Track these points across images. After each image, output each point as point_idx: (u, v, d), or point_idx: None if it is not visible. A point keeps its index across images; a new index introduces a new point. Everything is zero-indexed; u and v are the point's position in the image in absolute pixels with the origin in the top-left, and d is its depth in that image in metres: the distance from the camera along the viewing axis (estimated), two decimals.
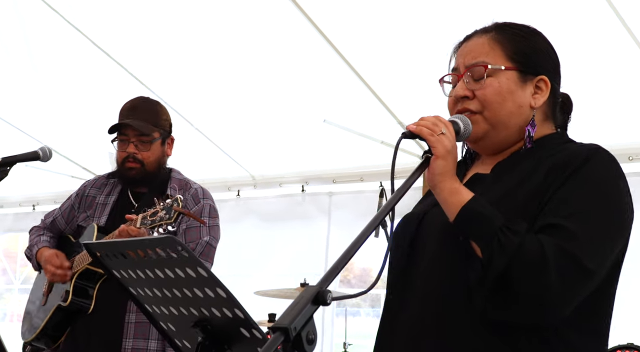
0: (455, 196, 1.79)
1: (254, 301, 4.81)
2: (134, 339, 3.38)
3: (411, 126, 1.86)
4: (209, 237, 3.51)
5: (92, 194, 3.72)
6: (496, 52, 1.92)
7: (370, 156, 5.55)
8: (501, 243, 1.67)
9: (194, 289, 1.68)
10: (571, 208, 1.72)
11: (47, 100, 6.12)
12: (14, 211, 7.62)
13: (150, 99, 3.72)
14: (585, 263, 1.66)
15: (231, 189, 6.28)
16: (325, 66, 4.97)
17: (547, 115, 1.96)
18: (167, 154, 3.66)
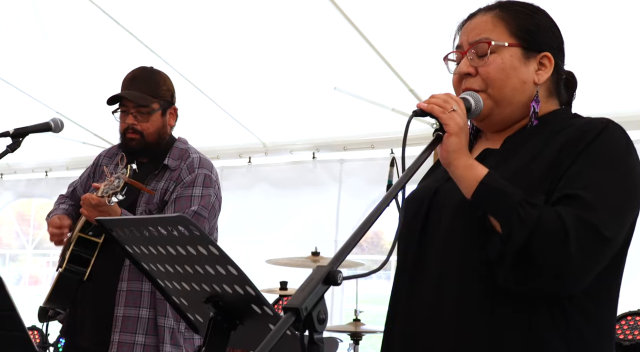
0: (471, 172, 1.79)
1: (265, 269, 4.85)
2: (124, 307, 3.40)
3: (422, 104, 1.86)
4: (198, 207, 3.45)
5: (105, 163, 3.73)
6: (500, 29, 1.93)
7: (381, 123, 5.55)
8: (520, 217, 1.68)
9: (206, 266, 1.70)
10: (586, 181, 1.73)
11: (58, 68, 6.12)
12: (27, 176, 7.67)
13: (152, 69, 3.69)
14: (604, 232, 1.68)
15: (242, 156, 6.29)
16: (335, 33, 4.94)
17: (551, 91, 1.98)
18: (170, 124, 3.64)
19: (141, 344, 3.40)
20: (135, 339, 3.40)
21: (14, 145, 3.16)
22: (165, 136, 3.62)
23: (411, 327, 1.89)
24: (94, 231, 3.46)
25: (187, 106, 5.96)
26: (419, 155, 1.81)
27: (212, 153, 6.33)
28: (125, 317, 3.40)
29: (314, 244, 5.48)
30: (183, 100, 5.88)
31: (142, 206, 3.48)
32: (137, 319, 3.40)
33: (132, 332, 3.40)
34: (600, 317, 1.81)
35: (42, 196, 7.89)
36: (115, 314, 3.41)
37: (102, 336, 3.41)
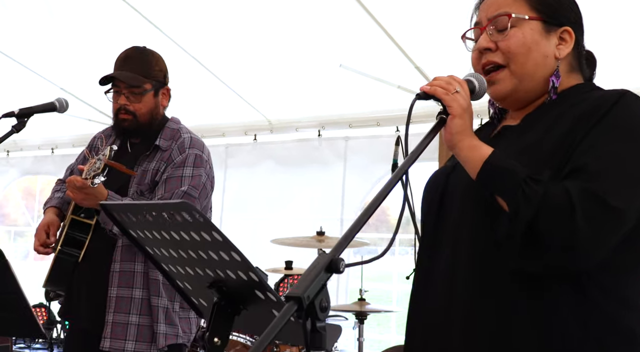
0: (475, 152, 1.78)
1: (271, 247, 4.85)
2: (118, 288, 3.41)
3: (425, 87, 1.85)
4: (188, 187, 3.44)
5: (99, 144, 3.74)
6: (519, 3, 1.89)
7: (386, 101, 5.54)
8: (526, 194, 1.66)
9: (209, 252, 1.70)
10: (597, 151, 1.70)
11: (63, 45, 6.10)
12: (33, 153, 7.69)
13: (144, 49, 3.64)
14: (611, 202, 1.62)
15: (248, 133, 6.29)
16: (341, 10, 4.92)
17: (573, 66, 1.94)
18: (163, 105, 3.60)
19: (135, 324, 3.41)
20: (129, 319, 3.41)
21: (19, 125, 3.15)
22: (157, 116, 3.58)
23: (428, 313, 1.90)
24: (86, 213, 3.48)
25: (193, 84, 5.99)
26: (423, 138, 1.79)
27: (218, 130, 6.36)
28: (119, 297, 3.41)
29: (319, 221, 5.48)
30: (189, 78, 5.91)
31: (133, 186, 3.48)
32: (130, 300, 3.41)
33: (126, 312, 3.41)
34: (623, 291, 1.75)
35: (48, 173, 7.92)
36: (109, 295, 3.42)
37: (98, 317, 3.42)
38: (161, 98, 3.58)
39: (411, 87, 5.24)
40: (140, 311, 3.41)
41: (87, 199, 3.27)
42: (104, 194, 3.30)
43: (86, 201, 3.28)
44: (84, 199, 3.28)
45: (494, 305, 1.76)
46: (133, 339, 3.39)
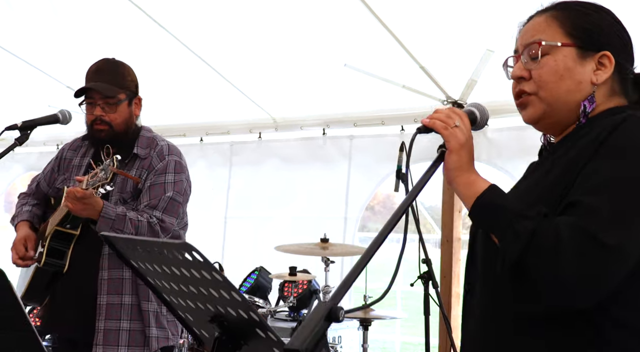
0: (471, 188, 1.78)
1: (275, 253, 4.84)
2: (107, 295, 3.48)
3: (425, 120, 1.85)
4: (173, 193, 3.56)
5: (69, 156, 3.85)
6: (553, 29, 1.87)
7: (391, 100, 5.52)
8: (515, 231, 1.64)
9: (210, 289, 1.70)
10: (593, 182, 1.65)
11: (68, 43, 6.08)
12: (38, 149, 7.68)
13: (115, 60, 3.74)
14: (604, 239, 1.56)
15: (252, 131, 6.27)
16: (346, 10, 4.88)
17: (615, 91, 1.87)
18: (136, 114, 3.70)
19: (127, 330, 3.48)
20: (120, 325, 3.48)
21: (22, 137, 3.20)
22: (132, 126, 3.68)
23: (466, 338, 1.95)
24: (72, 224, 3.54)
25: (198, 82, 5.98)
26: (424, 173, 1.81)
27: (223, 128, 6.36)
28: (109, 304, 3.48)
29: (323, 220, 5.50)
30: (194, 76, 5.91)
31: (115, 195, 3.54)
32: (120, 306, 3.48)
33: (117, 318, 3.48)
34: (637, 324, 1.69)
35: None
36: (98, 303, 3.49)
37: (87, 325, 3.49)
38: (134, 107, 3.69)
39: (416, 87, 5.23)
40: (131, 316, 3.49)
41: (86, 209, 3.33)
42: (100, 204, 3.36)
43: (85, 211, 3.34)
44: (83, 210, 3.34)
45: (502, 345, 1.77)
46: (125, 345, 3.47)
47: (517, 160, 4.92)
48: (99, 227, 3.36)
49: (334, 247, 4.52)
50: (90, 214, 3.37)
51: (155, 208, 3.52)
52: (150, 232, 3.47)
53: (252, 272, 5.67)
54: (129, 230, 3.38)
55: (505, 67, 1.98)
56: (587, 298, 1.62)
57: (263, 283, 5.51)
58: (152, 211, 3.51)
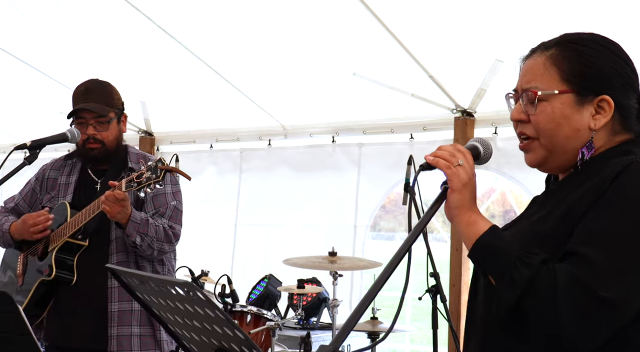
0: (471, 228, 1.78)
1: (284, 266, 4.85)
2: (118, 302, 3.59)
3: (429, 157, 1.84)
4: (176, 202, 3.75)
5: (53, 176, 3.93)
6: (551, 74, 1.84)
7: (400, 108, 5.53)
8: (512, 277, 1.65)
9: (213, 325, 1.72)
10: (592, 232, 1.65)
11: (77, 50, 6.11)
12: (49, 155, 7.58)
13: (101, 80, 3.87)
14: (600, 292, 1.58)
15: (262, 138, 6.29)
16: (354, 20, 4.89)
17: (616, 131, 1.85)
18: (123, 131, 3.85)
19: (138, 335, 3.61)
20: (131, 330, 3.61)
21: (31, 157, 3.23)
22: (121, 142, 3.84)
23: None
24: (83, 235, 3.66)
25: (208, 90, 6.01)
26: (427, 210, 1.80)
27: (233, 135, 6.38)
28: (120, 311, 3.59)
29: (333, 227, 5.51)
30: (205, 84, 5.94)
31: None
32: (131, 312, 3.60)
33: (128, 324, 3.60)
34: None
35: None
36: (109, 310, 3.60)
37: (99, 333, 3.59)
38: (122, 125, 3.84)
39: (425, 95, 5.24)
40: (141, 322, 3.62)
41: (122, 212, 3.47)
42: (130, 208, 3.52)
43: (120, 214, 3.46)
44: (119, 212, 3.46)
45: None
46: (138, 349, 3.61)
47: (526, 169, 4.86)
48: (128, 230, 3.51)
49: (342, 260, 4.53)
50: (123, 218, 3.49)
51: (163, 216, 3.69)
52: (166, 236, 3.63)
53: (262, 280, 5.68)
54: (152, 233, 3.55)
55: (507, 99, 1.98)
56: (580, 347, 1.64)
57: (272, 291, 5.53)
58: (160, 218, 3.67)
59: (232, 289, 4.42)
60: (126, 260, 3.66)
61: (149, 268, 3.73)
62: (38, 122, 7.09)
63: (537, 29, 4.38)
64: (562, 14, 4.32)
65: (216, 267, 5.10)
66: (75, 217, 3.62)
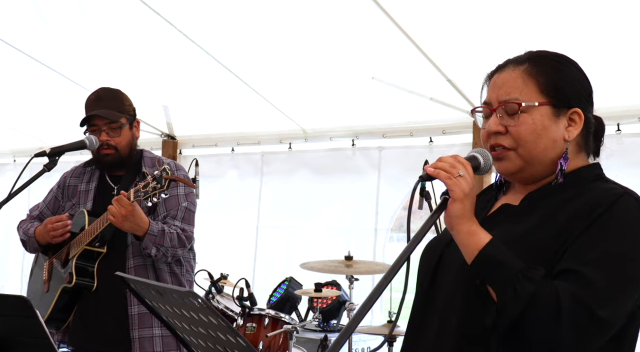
0: (472, 239, 1.81)
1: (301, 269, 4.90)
2: (138, 305, 3.66)
3: (429, 168, 1.87)
4: (187, 203, 3.81)
5: (73, 183, 4.02)
6: (530, 87, 1.90)
7: (419, 112, 5.54)
8: (516, 290, 1.69)
9: (217, 332, 1.76)
10: (591, 254, 1.72)
11: (101, 57, 6.20)
12: (75, 159, 7.70)
13: (111, 88, 3.98)
14: (599, 312, 1.66)
15: (282, 141, 6.33)
16: (372, 25, 4.92)
17: (580, 146, 1.95)
18: (136, 136, 3.92)
19: (159, 336, 3.68)
20: (153, 332, 3.68)
21: (50, 164, 3.29)
22: (134, 148, 3.91)
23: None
24: (101, 242, 3.72)
25: (229, 95, 6.07)
26: (426, 220, 1.83)
27: (254, 138, 6.44)
28: (140, 314, 3.67)
29: (353, 231, 5.52)
30: (226, 89, 5.99)
31: None
32: (150, 314, 3.61)
33: (149, 326, 3.68)
34: None
35: None
36: (130, 314, 3.68)
37: (121, 337, 3.68)
38: (134, 130, 3.91)
39: (443, 99, 5.25)
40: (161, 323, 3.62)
41: (131, 223, 3.50)
42: (146, 222, 3.56)
43: (127, 224, 3.50)
44: (125, 222, 3.49)
45: None
46: (160, 350, 3.67)
47: None
48: (145, 243, 3.57)
49: (358, 264, 4.56)
50: (134, 230, 3.55)
51: (175, 218, 3.76)
52: (179, 241, 3.69)
53: (282, 283, 5.73)
54: (167, 243, 3.61)
55: (473, 113, 2.04)
56: None
57: (293, 294, 5.57)
58: (172, 221, 3.74)
59: (250, 293, 4.46)
60: (143, 263, 3.73)
61: (166, 269, 3.78)
62: (63, 126, 7.18)
63: (555, 32, 4.40)
64: (580, 20, 4.33)
65: (238, 270, 5.16)
66: (91, 225, 3.69)
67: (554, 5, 4.36)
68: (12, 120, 7.74)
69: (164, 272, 3.76)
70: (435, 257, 2.00)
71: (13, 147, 8.19)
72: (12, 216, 8.26)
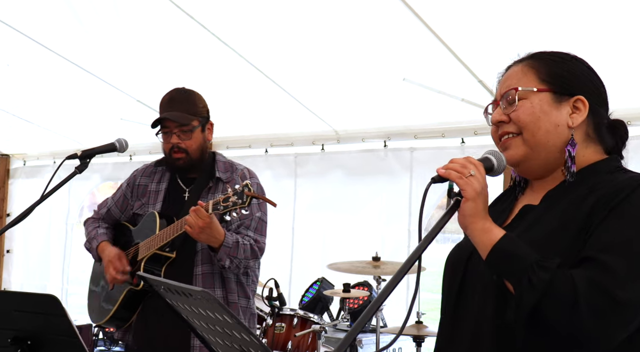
0: (486, 235, 1.83)
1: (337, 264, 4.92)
2: None
3: (440, 170, 1.90)
4: (261, 213, 3.74)
5: (143, 182, 3.96)
6: (529, 77, 1.96)
7: (451, 113, 5.55)
8: (531, 280, 1.70)
9: (232, 331, 1.80)
10: (608, 240, 1.72)
11: (137, 60, 6.29)
12: (113, 160, 7.96)
13: (185, 89, 3.87)
14: (618, 295, 1.65)
15: (315, 143, 6.37)
16: (403, 27, 4.93)
17: (590, 135, 1.96)
18: (208, 139, 3.84)
19: None
20: None
21: (81, 166, 3.32)
22: (206, 151, 3.83)
23: None
24: (171, 247, 3.69)
25: (263, 97, 6.13)
26: (438, 221, 1.85)
27: (287, 140, 6.49)
28: None
29: (387, 232, 5.53)
30: (260, 91, 6.05)
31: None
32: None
33: None
34: None
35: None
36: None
37: (182, 342, 3.63)
38: (207, 133, 3.82)
39: (475, 100, 5.25)
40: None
41: (207, 234, 3.47)
42: (222, 234, 3.52)
43: (203, 236, 3.47)
44: (202, 233, 3.46)
45: None
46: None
47: None
48: (220, 255, 3.54)
49: (385, 265, 4.58)
50: (210, 241, 3.52)
51: (248, 228, 3.70)
52: (252, 253, 3.65)
53: (314, 283, 5.77)
54: (240, 255, 3.57)
55: (485, 114, 2.07)
56: (599, 347, 1.70)
57: (324, 294, 5.61)
58: (246, 231, 3.68)
59: (279, 293, 4.50)
60: (211, 271, 3.69)
61: (233, 278, 3.72)
62: (100, 128, 7.32)
63: (585, 32, 4.38)
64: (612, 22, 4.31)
65: (275, 270, 5.17)
66: (163, 231, 3.64)
67: (581, 5, 4.35)
68: (51, 123, 7.88)
69: (230, 281, 3.71)
70: (460, 270, 2.01)
71: (52, 149, 8.34)
72: (53, 216, 8.45)
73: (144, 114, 6.90)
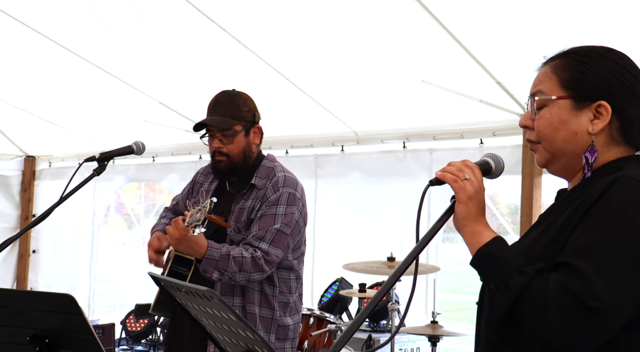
0: (475, 238, 1.87)
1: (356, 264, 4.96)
2: None
3: (437, 173, 1.95)
4: (281, 225, 3.58)
5: (201, 181, 3.97)
6: (552, 82, 1.93)
7: (470, 114, 5.58)
8: (507, 284, 1.73)
9: (238, 329, 1.86)
10: (582, 243, 1.72)
11: (160, 62, 6.37)
12: (136, 162, 8.06)
13: (232, 92, 3.82)
14: (589, 302, 1.63)
15: (335, 144, 6.42)
16: (421, 29, 4.97)
17: (615, 139, 1.91)
18: (254, 143, 3.76)
19: None
20: None
21: (100, 168, 3.37)
22: (251, 155, 3.75)
23: None
24: None
25: (284, 99, 6.18)
26: (435, 222, 1.90)
27: (307, 141, 6.54)
28: None
29: (406, 233, 5.55)
30: (280, 94, 6.11)
31: (232, 223, 3.66)
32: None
33: None
34: None
35: (150, 180, 8.31)
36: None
37: (199, 347, 3.63)
38: (252, 137, 3.75)
39: (493, 101, 5.28)
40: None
41: (184, 247, 3.44)
42: (204, 246, 3.45)
43: (182, 247, 3.45)
44: (180, 246, 3.45)
45: None
46: None
47: None
48: (203, 266, 3.48)
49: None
50: (192, 253, 3.49)
51: (262, 240, 3.56)
52: (254, 266, 3.52)
53: (333, 283, 5.81)
54: (232, 268, 3.46)
55: (527, 105, 2.06)
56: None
57: (343, 294, 5.65)
58: (258, 242, 3.56)
59: None
60: None
61: (256, 288, 3.64)
62: (124, 130, 7.41)
63: (605, 33, 4.38)
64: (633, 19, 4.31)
65: None
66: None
67: (602, 6, 4.35)
68: (76, 125, 7.99)
69: (251, 291, 3.63)
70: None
71: (77, 150, 8.45)
72: (80, 217, 8.57)
73: (167, 116, 6.99)
